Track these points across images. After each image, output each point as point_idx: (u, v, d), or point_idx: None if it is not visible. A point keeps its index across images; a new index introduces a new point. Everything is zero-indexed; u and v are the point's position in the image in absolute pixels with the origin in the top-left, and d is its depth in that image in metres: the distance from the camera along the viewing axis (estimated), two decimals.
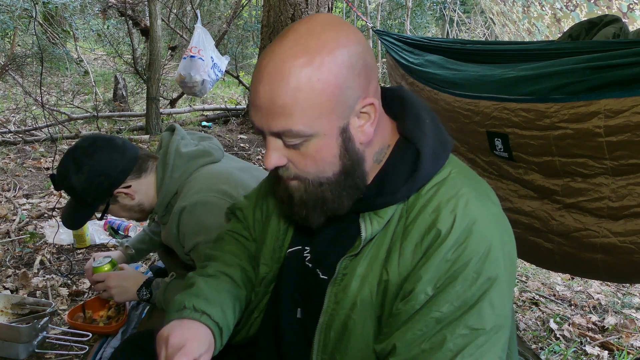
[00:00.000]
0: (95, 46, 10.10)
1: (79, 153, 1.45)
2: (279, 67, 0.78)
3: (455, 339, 0.80)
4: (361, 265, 0.89)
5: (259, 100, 0.80)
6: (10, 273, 2.50)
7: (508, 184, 1.74)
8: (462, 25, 10.37)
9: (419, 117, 0.91)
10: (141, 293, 1.60)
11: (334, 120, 0.81)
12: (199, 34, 4.47)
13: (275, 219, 1.05)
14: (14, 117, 5.52)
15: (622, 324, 2.42)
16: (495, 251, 0.82)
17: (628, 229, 1.36)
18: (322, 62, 0.77)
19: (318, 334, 0.94)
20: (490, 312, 0.81)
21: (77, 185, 1.44)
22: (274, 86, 0.78)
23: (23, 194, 3.56)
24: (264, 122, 0.82)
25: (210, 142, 1.64)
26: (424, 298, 0.82)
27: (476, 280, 0.81)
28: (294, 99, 0.77)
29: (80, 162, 1.43)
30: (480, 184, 0.91)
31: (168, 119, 5.76)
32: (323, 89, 0.78)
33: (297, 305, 1.02)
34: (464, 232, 0.81)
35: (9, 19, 6.15)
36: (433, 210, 0.84)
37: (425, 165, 0.86)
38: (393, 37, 2.50)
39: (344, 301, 0.90)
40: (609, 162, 1.35)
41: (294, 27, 0.81)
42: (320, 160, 0.84)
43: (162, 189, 1.50)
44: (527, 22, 2.68)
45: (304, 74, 0.77)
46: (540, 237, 1.68)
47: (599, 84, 1.32)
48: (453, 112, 1.84)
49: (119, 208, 1.55)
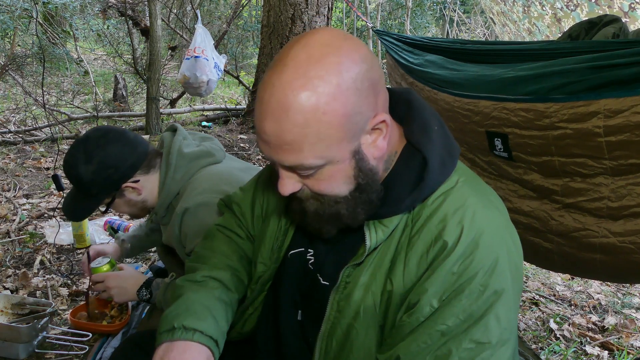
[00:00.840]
0: (95, 46, 10.09)
1: (91, 144, 1.43)
2: (282, 101, 0.73)
3: (460, 352, 0.79)
4: (364, 274, 0.88)
5: (266, 137, 0.77)
6: (10, 273, 2.50)
7: (507, 184, 1.74)
8: (462, 25, 10.37)
9: (427, 123, 0.88)
10: (141, 293, 1.59)
11: (345, 146, 0.78)
12: (201, 34, 4.46)
13: (275, 219, 1.04)
14: (14, 117, 5.52)
15: (622, 324, 2.42)
16: (502, 264, 0.81)
17: (627, 229, 1.36)
18: (326, 92, 0.73)
19: (320, 342, 0.93)
20: (496, 326, 0.80)
21: (85, 176, 1.42)
22: (279, 123, 0.74)
23: (23, 194, 3.56)
24: (274, 155, 0.79)
25: (211, 142, 1.64)
26: (429, 311, 0.81)
27: (482, 293, 0.80)
28: (302, 135, 0.74)
29: (90, 152, 1.41)
30: (488, 193, 0.89)
31: (168, 119, 5.76)
32: (330, 121, 0.74)
33: (297, 307, 1.01)
34: (471, 245, 0.80)
35: (9, 19, 6.15)
36: (440, 221, 0.82)
37: (432, 174, 0.84)
38: (393, 37, 2.51)
39: (346, 310, 0.89)
40: (608, 162, 1.35)
41: (291, 53, 0.75)
42: (335, 183, 0.82)
43: (163, 189, 1.49)
44: (528, 21, 2.68)
45: (309, 108, 0.73)
46: (539, 237, 1.68)
47: (598, 84, 1.31)
48: (452, 111, 1.84)
49: (123, 203, 1.53)
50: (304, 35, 0.78)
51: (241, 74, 8.25)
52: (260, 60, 5.55)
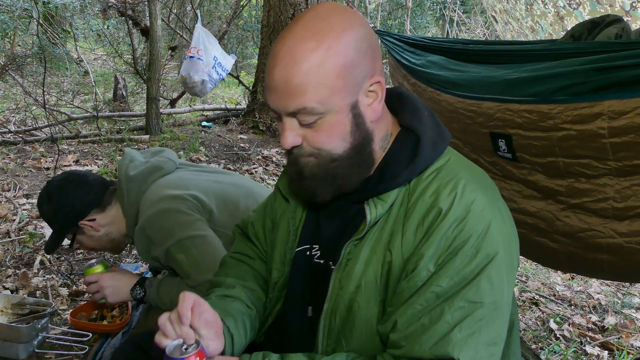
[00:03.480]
0: (95, 46, 10.07)
1: (52, 185, 1.63)
2: (292, 51, 0.84)
3: (453, 311, 0.83)
4: (365, 249, 0.92)
5: (275, 83, 0.86)
6: (10, 273, 2.49)
7: (512, 185, 1.74)
8: (462, 25, 10.37)
9: (417, 109, 0.97)
10: (135, 292, 1.62)
11: (345, 97, 0.87)
12: (199, 34, 4.47)
13: (284, 224, 1.08)
14: (14, 117, 5.51)
15: (622, 324, 2.42)
16: (494, 229, 0.86)
17: (633, 229, 1.36)
18: (330, 44, 0.84)
19: (323, 320, 0.95)
20: (488, 288, 0.84)
21: (47, 214, 1.62)
22: (287, 69, 0.84)
23: (23, 194, 3.55)
24: (281, 103, 0.87)
25: (160, 155, 1.72)
26: (426, 275, 0.86)
27: (475, 255, 0.84)
28: (307, 79, 0.84)
29: (51, 193, 1.61)
30: (478, 171, 0.95)
31: (168, 119, 5.75)
32: (332, 69, 0.84)
33: (308, 304, 1.02)
34: (464, 211, 0.86)
35: (9, 19, 6.14)
36: (433, 192, 0.88)
37: (425, 150, 0.91)
38: (394, 38, 2.50)
39: (348, 285, 0.92)
40: (612, 163, 1.35)
41: (302, 15, 0.89)
42: (334, 135, 0.89)
43: (126, 215, 1.62)
44: (530, 19, 2.67)
45: (315, 56, 0.84)
46: (545, 237, 1.68)
47: (602, 85, 1.31)
48: (456, 113, 1.84)
49: (87, 239, 1.67)
50: (314, 5, 0.94)
51: (241, 74, 8.24)
52: (260, 60, 5.54)
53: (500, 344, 0.87)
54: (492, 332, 0.85)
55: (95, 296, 1.66)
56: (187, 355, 0.82)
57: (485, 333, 0.84)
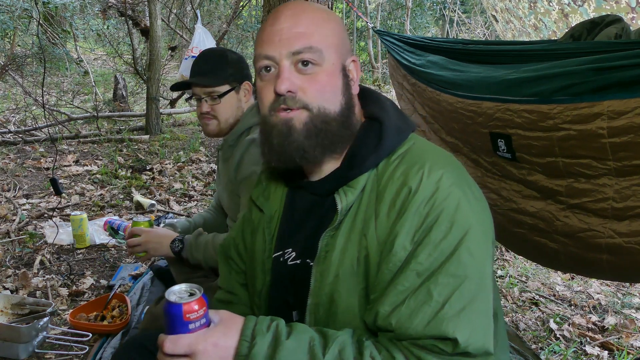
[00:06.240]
0: (95, 46, 10.09)
1: (231, 51, 1.81)
2: (299, 5, 0.95)
3: (439, 289, 0.83)
4: (340, 238, 0.93)
5: (280, 26, 0.92)
6: (10, 273, 2.49)
7: (511, 185, 1.74)
8: (462, 26, 10.38)
9: (380, 100, 1.03)
10: (174, 244, 1.70)
11: (339, 56, 0.95)
12: (200, 34, 4.47)
13: (260, 234, 1.09)
14: (14, 117, 5.51)
15: (622, 324, 2.42)
16: (464, 204, 0.87)
17: (632, 229, 1.36)
18: (329, 12, 0.98)
19: (308, 316, 0.95)
20: (469, 259, 0.84)
21: (231, 62, 1.72)
22: (295, 18, 0.93)
23: (23, 194, 3.56)
24: (283, 46, 0.92)
25: None
26: (403, 254, 0.86)
27: (450, 229, 0.85)
28: (314, 26, 0.93)
29: (234, 52, 1.80)
30: (443, 152, 0.98)
31: (168, 119, 5.76)
32: (334, 28, 0.96)
33: (292, 309, 1.02)
34: (433, 186, 0.87)
35: (9, 19, 6.14)
36: (401, 173, 0.90)
37: (389, 135, 0.95)
38: (394, 37, 2.50)
39: (327, 277, 0.92)
40: (612, 163, 1.35)
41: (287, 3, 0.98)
42: (328, 87, 0.93)
43: (241, 121, 1.71)
44: (534, 17, 2.66)
45: (319, 13, 0.96)
46: (545, 237, 1.68)
47: (602, 85, 1.31)
48: (456, 113, 1.84)
49: (229, 104, 1.71)
50: None
51: None
52: None
53: (492, 317, 0.87)
54: (482, 305, 0.84)
55: (137, 249, 1.72)
56: (186, 301, 0.79)
57: (476, 306, 0.83)
